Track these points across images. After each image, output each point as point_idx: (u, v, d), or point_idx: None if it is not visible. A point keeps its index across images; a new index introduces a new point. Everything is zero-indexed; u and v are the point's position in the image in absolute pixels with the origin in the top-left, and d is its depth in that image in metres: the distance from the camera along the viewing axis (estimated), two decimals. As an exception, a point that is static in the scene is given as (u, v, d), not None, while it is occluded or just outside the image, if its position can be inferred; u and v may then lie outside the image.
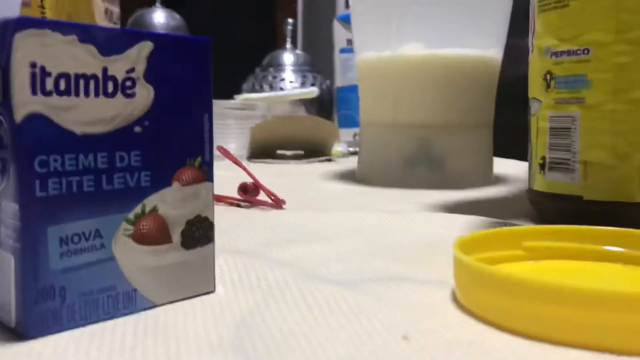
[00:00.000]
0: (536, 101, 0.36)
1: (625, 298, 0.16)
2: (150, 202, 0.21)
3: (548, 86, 0.35)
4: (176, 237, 0.22)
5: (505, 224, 0.35)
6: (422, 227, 0.35)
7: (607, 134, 0.32)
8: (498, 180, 0.58)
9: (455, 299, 0.21)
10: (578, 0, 0.33)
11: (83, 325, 0.19)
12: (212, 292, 0.23)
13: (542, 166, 0.36)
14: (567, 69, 0.34)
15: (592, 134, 0.33)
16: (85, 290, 0.19)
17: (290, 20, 1.38)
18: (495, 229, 0.25)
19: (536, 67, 0.36)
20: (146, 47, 0.21)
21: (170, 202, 0.22)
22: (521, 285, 0.18)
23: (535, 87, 0.37)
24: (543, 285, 0.17)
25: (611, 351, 0.16)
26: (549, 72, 0.35)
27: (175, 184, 0.22)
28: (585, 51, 0.33)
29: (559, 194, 0.35)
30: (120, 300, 0.20)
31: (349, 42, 0.97)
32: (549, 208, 0.36)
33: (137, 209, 0.21)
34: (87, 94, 0.19)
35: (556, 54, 0.34)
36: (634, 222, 0.29)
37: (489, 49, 0.54)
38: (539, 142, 0.36)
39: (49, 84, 0.19)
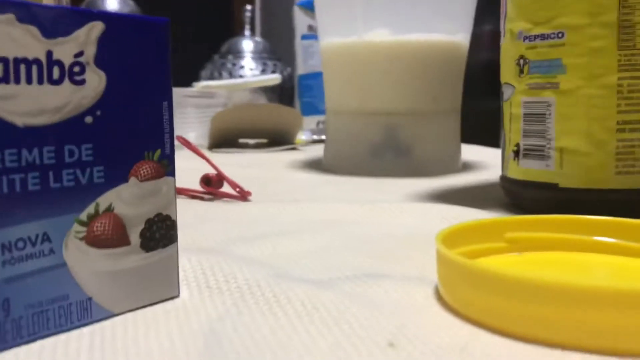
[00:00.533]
0: (509, 86, 0.35)
1: (622, 294, 0.15)
2: (104, 200, 0.19)
3: (521, 71, 0.34)
4: (135, 238, 0.20)
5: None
6: (395, 219, 0.34)
7: (582, 119, 0.31)
8: (466, 167, 0.58)
9: (439, 298, 0.20)
10: None
11: (31, 341, 0.17)
12: (177, 297, 0.21)
13: (517, 153, 0.35)
14: (541, 53, 0.33)
15: (568, 120, 0.32)
16: (33, 302, 0.17)
17: (248, 7, 1.35)
18: (477, 220, 0.23)
19: (509, 51, 0.35)
20: (96, 28, 0.19)
21: (128, 200, 0.19)
22: (514, 283, 0.17)
23: (508, 72, 0.35)
24: (537, 283, 0.16)
25: (615, 353, 0.15)
26: (522, 57, 0.34)
27: (133, 180, 0.20)
28: (560, 35, 0.32)
29: (534, 182, 0.34)
30: (74, 311, 0.18)
31: (311, 28, 0.95)
32: (523, 196, 0.35)
33: (90, 209, 0.18)
34: (29, 80, 0.17)
35: (530, 37, 0.33)
36: (611, 209, 0.28)
37: (456, 34, 0.53)
38: (513, 128, 0.35)
39: (-16, 69, 0.16)
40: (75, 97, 0.18)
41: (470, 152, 0.69)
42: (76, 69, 0.18)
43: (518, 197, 0.36)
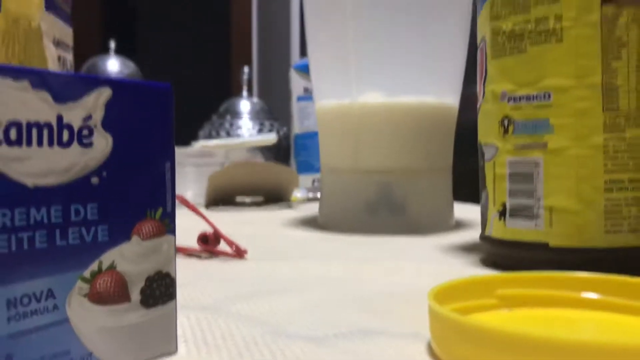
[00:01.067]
0: (491, 147, 0.36)
1: (609, 349, 0.16)
2: (107, 258, 0.19)
3: (506, 131, 0.35)
4: (135, 295, 0.20)
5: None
6: (389, 276, 0.34)
7: (571, 179, 0.32)
8: (459, 225, 0.58)
9: (432, 353, 0.20)
10: (536, 46, 0.33)
11: (31, 397, 0.17)
12: (174, 352, 0.21)
13: (502, 213, 0.35)
14: (527, 113, 0.33)
15: (557, 179, 0.32)
16: (36, 357, 0.18)
17: (246, 69, 1.39)
18: (469, 278, 0.24)
19: (490, 112, 0.36)
20: (104, 93, 0.20)
21: (130, 258, 0.20)
22: (505, 338, 0.17)
23: (489, 132, 0.36)
24: (528, 339, 0.17)
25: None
26: (506, 117, 0.34)
27: (135, 238, 0.20)
28: (546, 96, 0.33)
29: (522, 242, 0.34)
30: (74, 367, 0.18)
31: (306, 90, 0.97)
32: (511, 256, 0.35)
33: (94, 266, 0.19)
34: (40, 143, 0.18)
35: (514, 98, 0.34)
36: (601, 268, 0.28)
37: (446, 96, 0.55)
38: (497, 188, 0.35)
39: (-2, 133, 0.17)
40: (82, 159, 0.19)
41: (462, 210, 0.70)
42: (85, 132, 0.19)
43: (504, 257, 0.36)
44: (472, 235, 0.52)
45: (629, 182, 0.32)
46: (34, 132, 0.18)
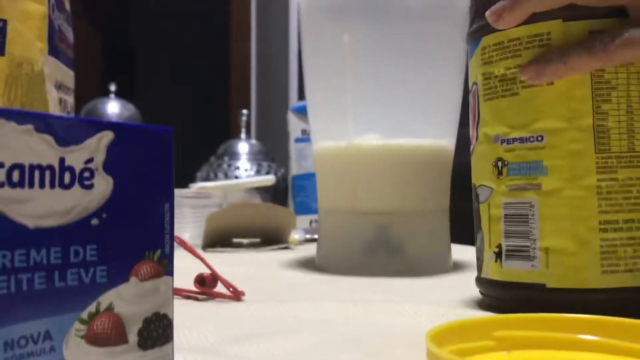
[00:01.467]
0: (486, 188, 0.36)
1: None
2: (105, 299, 0.20)
3: (500, 173, 0.35)
4: (132, 336, 0.20)
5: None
6: (387, 318, 0.34)
7: (566, 220, 0.32)
8: (457, 266, 0.58)
9: (430, 396, 0.20)
10: (528, 89, 0.34)
11: None
12: (171, 396, 0.21)
13: (498, 255, 0.35)
14: (520, 155, 0.34)
15: (552, 220, 0.33)
16: (30, 401, 0.17)
17: (244, 111, 1.40)
18: (466, 319, 0.24)
19: (484, 154, 0.36)
20: (106, 137, 0.20)
21: (127, 299, 0.20)
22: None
23: (483, 174, 0.36)
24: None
25: None
26: (500, 159, 0.35)
27: (133, 279, 0.20)
28: (539, 138, 0.33)
29: (519, 283, 0.34)
30: (69, 410, 0.18)
31: (304, 131, 0.98)
32: (508, 298, 0.35)
33: (92, 308, 0.19)
34: (42, 185, 0.18)
35: (507, 141, 0.34)
36: (599, 309, 0.28)
37: (442, 138, 0.56)
38: (493, 230, 0.35)
39: (1, 175, 0.18)
40: (83, 201, 0.19)
41: (460, 251, 0.70)
42: (86, 174, 0.20)
43: (502, 299, 0.35)
44: (470, 276, 0.51)
45: (623, 222, 0.32)
46: (36, 174, 0.18)
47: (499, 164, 0.35)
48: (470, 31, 0.38)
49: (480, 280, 0.37)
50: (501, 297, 0.35)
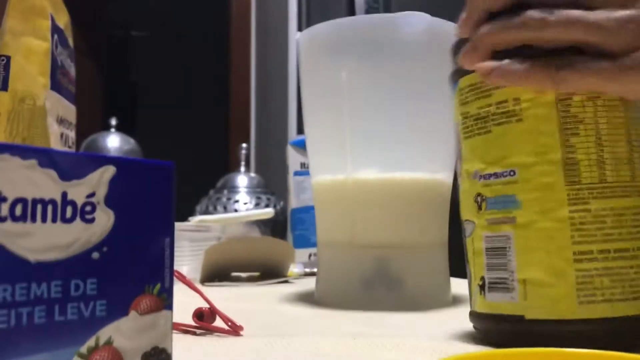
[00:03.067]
0: (470, 223, 0.37)
1: None
2: (104, 333, 0.20)
3: (480, 208, 0.36)
4: (131, 371, 0.20)
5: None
6: (386, 353, 0.34)
7: (541, 251, 0.33)
8: (456, 300, 0.58)
9: None
10: (499, 126, 0.35)
11: None
12: None
13: (482, 287, 0.36)
14: (496, 190, 0.35)
15: (527, 252, 0.33)
16: None
17: (244, 145, 1.41)
18: (465, 354, 0.24)
19: (467, 190, 0.37)
20: (108, 171, 0.21)
21: (127, 333, 0.20)
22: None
23: (467, 209, 0.37)
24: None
25: None
26: (479, 195, 0.36)
27: (133, 313, 0.21)
28: (512, 173, 0.34)
29: (500, 315, 0.34)
30: None
31: (303, 165, 0.99)
32: (491, 330, 0.35)
33: (91, 342, 0.19)
34: (44, 219, 0.19)
35: (484, 176, 0.36)
36: (577, 340, 0.28)
37: (439, 173, 0.56)
38: (477, 263, 0.36)
39: (4, 209, 0.18)
40: (84, 234, 0.20)
41: (459, 285, 0.70)
42: (87, 208, 0.20)
43: (486, 331, 0.36)
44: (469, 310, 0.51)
45: (598, 252, 0.32)
46: (39, 208, 0.19)
47: (479, 198, 0.36)
48: (450, 74, 0.40)
49: (471, 314, 0.38)
50: (486, 329, 0.36)
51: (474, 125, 0.36)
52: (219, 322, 0.42)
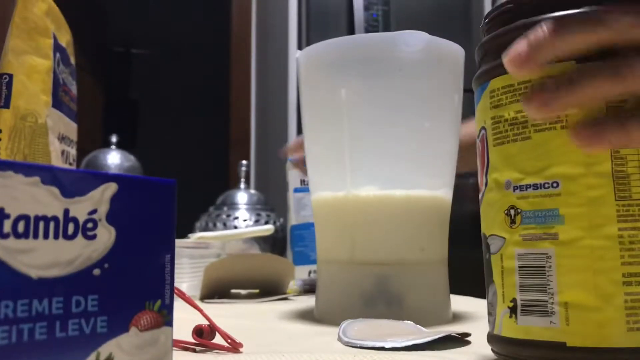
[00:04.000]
0: (497, 238, 0.34)
1: None
2: (105, 349, 0.20)
3: (513, 222, 0.32)
4: (131, 388, 0.20)
5: None
6: (386, 370, 0.34)
7: (587, 272, 0.30)
8: (456, 318, 0.58)
9: None
10: (541, 133, 0.32)
11: None
12: None
13: (513, 310, 0.32)
14: (534, 203, 0.31)
15: (571, 272, 0.30)
16: None
17: (244, 162, 1.41)
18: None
19: (495, 202, 0.34)
20: (110, 188, 0.21)
21: (127, 350, 0.20)
22: None
23: (494, 223, 0.34)
24: None
25: None
26: (512, 207, 0.33)
27: (133, 330, 0.21)
28: (554, 184, 0.31)
29: (537, 341, 0.31)
30: None
31: (303, 182, 0.99)
32: (524, 357, 0.32)
33: (91, 358, 0.19)
34: (46, 236, 0.19)
35: (521, 187, 0.32)
36: None
37: (439, 189, 0.56)
38: (506, 282, 0.33)
39: (7, 226, 0.18)
40: (86, 251, 0.20)
41: (459, 302, 0.70)
42: (89, 225, 0.20)
43: (517, 358, 0.32)
44: (469, 328, 0.51)
45: None
46: (41, 225, 0.19)
47: (512, 212, 0.33)
48: (477, 74, 0.36)
49: (493, 338, 0.34)
50: (517, 356, 0.32)
51: (509, 130, 0.33)
52: (218, 339, 0.42)
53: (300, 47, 1.69)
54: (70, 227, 0.20)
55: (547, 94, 0.30)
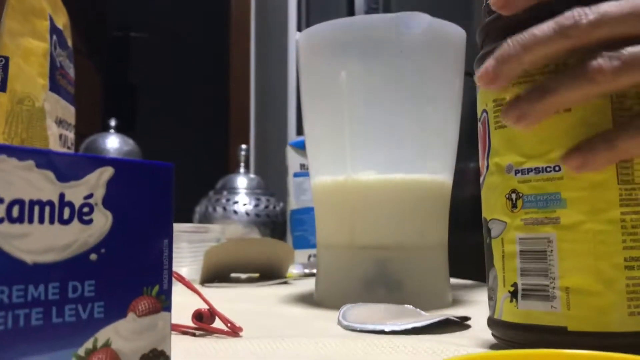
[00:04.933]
0: (498, 222, 0.33)
1: None
2: (103, 335, 0.19)
3: (514, 206, 0.32)
4: (129, 373, 0.20)
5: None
6: (387, 355, 0.34)
7: (589, 256, 0.29)
8: (456, 302, 0.58)
9: None
10: None
11: None
12: None
13: (514, 294, 0.32)
14: (536, 187, 0.31)
15: (573, 256, 0.30)
16: None
17: (243, 146, 1.41)
18: (466, 355, 0.24)
19: (496, 186, 0.33)
20: (106, 172, 0.20)
21: (125, 335, 0.20)
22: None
23: (495, 207, 0.33)
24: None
25: None
26: (514, 191, 0.32)
27: (131, 315, 0.20)
28: (557, 168, 0.31)
29: (537, 325, 0.31)
30: None
31: (303, 166, 0.99)
32: (524, 341, 0.31)
33: (89, 344, 0.19)
34: (41, 221, 0.19)
35: (522, 171, 0.32)
36: (626, 353, 0.25)
37: (440, 174, 0.56)
38: (507, 267, 0.32)
39: (1, 210, 0.18)
40: (82, 236, 0.20)
41: (458, 286, 0.70)
42: (85, 209, 0.20)
43: (517, 342, 0.32)
44: (469, 312, 0.51)
45: None
46: (36, 209, 0.18)
47: (513, 196, 0.32)
48: (479, 56, 0.35)
49: (493, 322, 0.34)
50: (517, 340, 0.32)
51: None
52: (218, 324, 0.42)
53: (300, 29, 1.68)
54: (66, 212, 0.19)
55: (523, 106, 0.30)
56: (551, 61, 0.31)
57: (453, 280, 0.63)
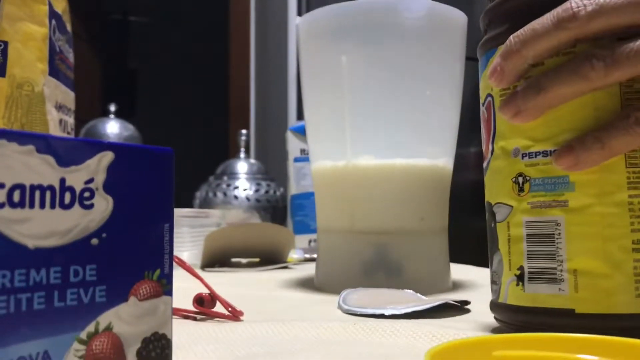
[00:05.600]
0: (504, 206, 0.33)
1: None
2: (104, 319, 0.20)
3: (521, 189, 0.32)
4: (131, 357, 0.20)
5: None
6: (387, 338, 0.34)
7: (597, 239, 0.30)
8: (456, 286, 0.58)
9: (430, 417, 0.20)
10: None
11: None
12: (169, 417, 0.21)
13: (520, 277, 0.32)
14: (544, 170, 0.31)
15: (581, 239, 0.30)
16: (28, 422, 0.17)
17: (244, 131, 1.41)
18: (465, 339, 0.24)
19: (501, 170, 0.33)
20: (107, 157, 0.20)
21: (126, 319, 0.20)
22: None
23: (501, 191, 0.33)
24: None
25: None
26: (521, 174, 0.32)
27: (132, 299, 0.21)
28: None
29: (545, 308, 0.31)
30: None
31: (303, 151, 0.99)
32: (531, 325, 0.31)
33: (90, 327, 0.19)
34: (42, 205, 0.19)
35: (529, 155, 0.32)
36: (634, 335, 0.25)
37: (440, 158, 0.56)
38: (513, 250, 0.32)
39: (2, 195, 0.18)
40: (83, 221, 0.20)
41: (459, 271, 0.70)
42: (86, 194, 0.20)
43: (524, 325, 0.32)
44: (469, 296, 0.51)
45: None
46: (37, 194, 0.19)
47: (520, 179, 0.32)
48: (483, 41, 0.35)
49: (498, 306, 0.34)
50: (524, 324, 0.32)
51: None
52: (219, 308, 0.43)
53: (300, 14, 1.67)
54: (67, 197, 0.19)
55: (518, 102, 0.31)
56: (556, 52, 0.31)
57: (453, 265, 0.63)
